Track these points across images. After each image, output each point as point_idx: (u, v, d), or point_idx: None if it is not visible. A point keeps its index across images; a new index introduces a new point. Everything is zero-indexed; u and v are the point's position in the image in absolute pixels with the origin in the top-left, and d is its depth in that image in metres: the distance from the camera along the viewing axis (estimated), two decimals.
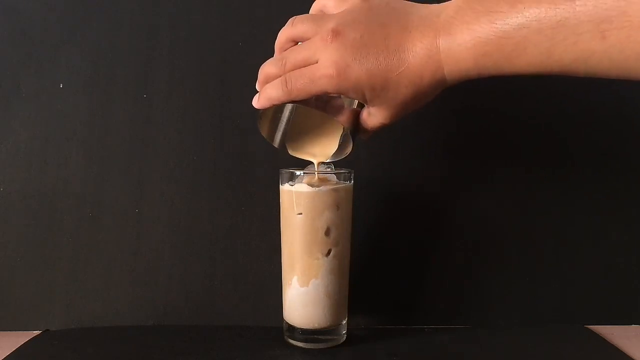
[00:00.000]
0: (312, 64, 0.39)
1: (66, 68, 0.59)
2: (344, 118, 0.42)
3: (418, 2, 0.40)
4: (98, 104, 0.59)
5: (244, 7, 0.60)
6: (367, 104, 0.41)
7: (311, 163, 0.51)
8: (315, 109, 0.42)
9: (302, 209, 0.50)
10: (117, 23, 0.60)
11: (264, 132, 0.48)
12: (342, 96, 0.43)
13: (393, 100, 0.38)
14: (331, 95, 0.42)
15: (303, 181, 0.50)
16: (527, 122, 0.62)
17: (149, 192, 0.59)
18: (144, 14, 0.60)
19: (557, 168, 0.62)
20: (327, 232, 0.50)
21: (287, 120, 0.48)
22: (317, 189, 0.49)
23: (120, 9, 0.60)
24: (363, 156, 0.59)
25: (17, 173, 0.59)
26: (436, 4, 0.38)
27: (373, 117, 0.41)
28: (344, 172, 0.52)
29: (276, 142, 0.50)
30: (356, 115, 0.43)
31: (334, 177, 0.51)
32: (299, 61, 0.40)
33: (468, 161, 0.62)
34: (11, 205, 0.58)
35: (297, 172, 0.51)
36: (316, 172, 0.51)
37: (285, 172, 0.52)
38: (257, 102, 0.43)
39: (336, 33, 0.37)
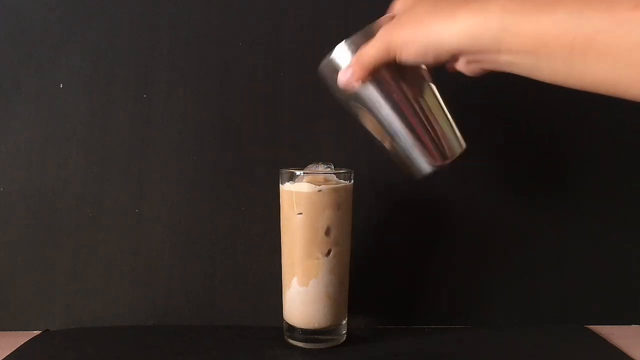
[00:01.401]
0: None
1: (66, 68, 0.59)
2: None
3: None
4: (98, 104, 0.59)
5: (244, 7, 0.60)
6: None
7: (310, 163, 0.51)
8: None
9: (302, 208, 0.50)
10: (117, 23, 0.60)
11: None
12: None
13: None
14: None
15: (303, 181, 0.50)
16: (528, 123, 0.62)
17: (149, 192, 0.59)
18: (144, 14, 0.60)
19: (557, 168, 0.62)
20: (327, 232, 0.50)
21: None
22: (317, 188, 0.49)
23: (120, 9, 0.60)
24: (363, 156, 0.59)
25: (17, 173, 0.59)
26: None
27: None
28: (344, 172, 0.52)
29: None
30: None
31: (334, 177, 0.51)
32: None
33: (468, 161, 0.62)
34: (11, 205, 0.58)
35: (297, 172, 0.51)
36: (317, 172, 0.51)
37: (285, 172, 0.52)
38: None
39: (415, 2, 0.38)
